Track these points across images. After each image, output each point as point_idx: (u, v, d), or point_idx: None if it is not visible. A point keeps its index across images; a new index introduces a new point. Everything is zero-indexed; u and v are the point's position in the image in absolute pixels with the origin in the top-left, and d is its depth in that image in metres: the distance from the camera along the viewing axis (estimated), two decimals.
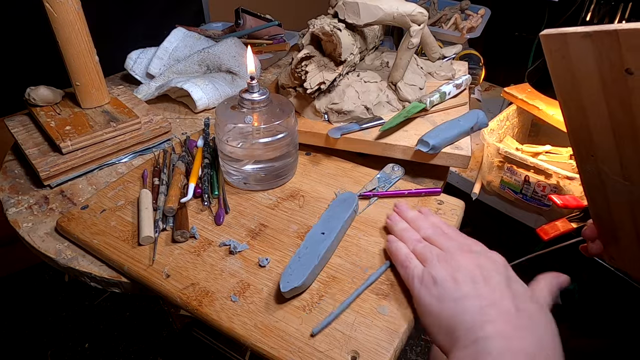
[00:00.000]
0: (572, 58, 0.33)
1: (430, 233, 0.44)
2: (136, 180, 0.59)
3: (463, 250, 0.41)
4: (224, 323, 0.40)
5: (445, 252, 0.41)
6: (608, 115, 0.34)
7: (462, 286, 0.37)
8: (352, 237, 0.49)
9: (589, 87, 0.33)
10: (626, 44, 0.29)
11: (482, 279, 0.37)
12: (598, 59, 0.31)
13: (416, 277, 0.40)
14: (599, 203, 0.43)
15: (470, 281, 0.37)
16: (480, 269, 0.38)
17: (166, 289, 0.44)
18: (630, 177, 0.37)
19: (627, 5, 0.76)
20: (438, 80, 0.75)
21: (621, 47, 0.29)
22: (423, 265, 0.41)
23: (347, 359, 0.37)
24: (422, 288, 0.39)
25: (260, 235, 0.50)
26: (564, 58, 0.33)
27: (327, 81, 0.60)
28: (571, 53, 0.33)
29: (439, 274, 0.38)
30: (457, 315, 0.35)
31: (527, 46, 1.16)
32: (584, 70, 0.33)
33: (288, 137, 0.54)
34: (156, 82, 0.82)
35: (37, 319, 1.31)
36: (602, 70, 0.32)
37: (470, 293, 0.36)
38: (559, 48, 0.33)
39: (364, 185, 0.57)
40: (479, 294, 0.36)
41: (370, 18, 0.61)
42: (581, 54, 0.32)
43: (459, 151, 0.58)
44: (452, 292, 0.37)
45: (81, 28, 0.62)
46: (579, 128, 0.37)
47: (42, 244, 0.52)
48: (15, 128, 0.67)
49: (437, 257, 0.40)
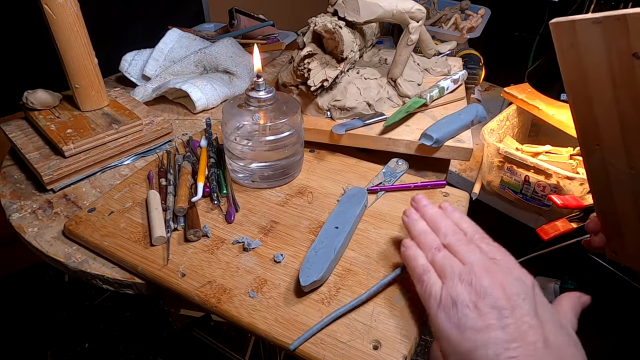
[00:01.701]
0: (581, 46, 0.34)
1: (452, 240, 0.39)
2: (142, 182, 0.59)
3: (487, 265, 0.36)
4: (244, 319, 0.41)
5: (467, 268, 0.36)
6: (615, 103, 0.35)
7: (486, 315, 0.33)
8: (364, 231, 0.50)
9: (596, 75, 0.35)
10: (634, 29, 0.30)
11: (509, 306, 0.33)
12: (607, 45, 0.32)
13: (433, 297, 0.36)
14: (603, 196, 0.45)
15: (495, 309, 0.33)
16: (506, 294, 0.34)
17: (183, 287, 0.44)
18: (635, 166, 0.38)
19: (627, 5, 0.78)
20: (434, 76, 0.76)
21: (629, 32, 0.30)
22: (442, 280, 0.37)
23: (369, 348, 0.38)
24: (439, 311, 0.35)
25: (272, 232, 0.50)
26: (573, 46, 0.34)
27: (329, 78, 0.61)
28: (580, 41, 0.34)
29: (459, 297, 0.34)
30: (479, 349, 0.32)
31: (527, 46, 1.18)
32: (592, 58, 0.34)
33: (295, 135, 0.55)
34: (153, 84, 0.82)
35: (37, 319, 1.30)
36: (610, 57, 0.33)
37: (494, 324, 0.32)
38: (568, 36, 0.34)
39: (370, 180, 0.58)
40: (504, 324, 0.32)
41: (369, 15, 0.62)
42: (590, 41, 0.33)
43: (461, 144, 0.59)
44: (474, 321, 0.33)
45: (80, 30, 0.61)
46: (586, 117, 0.39)
47: (51, 248, 0.52)
48: (13, 133, 0.66)
49: (459, 275, 0.36)
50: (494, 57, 1.13)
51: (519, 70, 1.15)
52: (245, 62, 0.86)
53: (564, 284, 0.86)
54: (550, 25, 0.35)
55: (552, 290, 0.87)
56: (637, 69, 0.32)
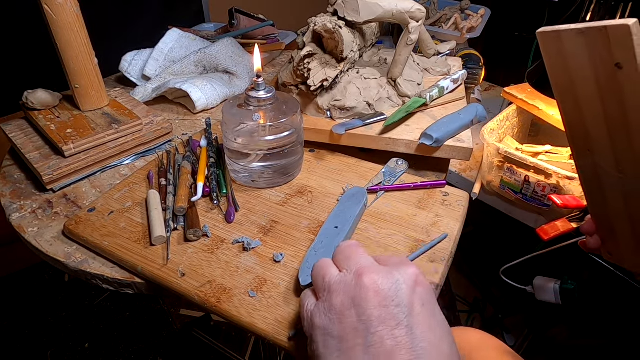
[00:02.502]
0: (567, 55, 0.35)
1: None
2: (142, 182, 0.59)
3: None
4: (244, 318, 0.41)
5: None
6: (602, 110, 0.35)
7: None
8: (364, 230, 0.50)
9: (583, 83, 0.35)
10: (614, 39, 0.31)
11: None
12: (591, 55, 0.33)
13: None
14: (596, 199, 0.45)
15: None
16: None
17: (183, 287, 0.44)
18: (623, 170, 0.38)
19: (627, 5, 0.78)
20: (434, 75, 0.76)
21: (611, 43, 0.31)
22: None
23: None
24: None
25: (272, 232, 0.50)
26: (560, 55, 0.35)
27: (329, 78, 0.61)
28: (566, 50, 0.34)
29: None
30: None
31: (527, 46, 1.18)
32: (579, 67, 0.34)
33: (294, 135, 0.55)
34: (153, 84, 0.82)
35: (37, 319, 1.30)
36: (595, 66, 0.33)
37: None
38: (554, 46, 0.35)
39: (369, 179, 0.58)
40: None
41: (369, 15, 0.62)
42: (575, 51, 0.34)
43: (461, 144, 0.59)
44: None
45: (80, 30, 0.61)
46: (576, 123, 0.39)
47: (51, 248, 0.52)
48: (13, 132, 0.66)
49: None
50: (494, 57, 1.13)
51: (519, 70, 1.14)
52: (245, 62, 0.86)
53: (564, 284, 0.86)
54: (537, 34, 0.35)
55: (552, 290, 0.87)
56: (620, 78, 0.32)
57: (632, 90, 0.32)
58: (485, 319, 1.26)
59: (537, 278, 0.90)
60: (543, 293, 0.88)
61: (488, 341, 0.59)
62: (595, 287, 0.83)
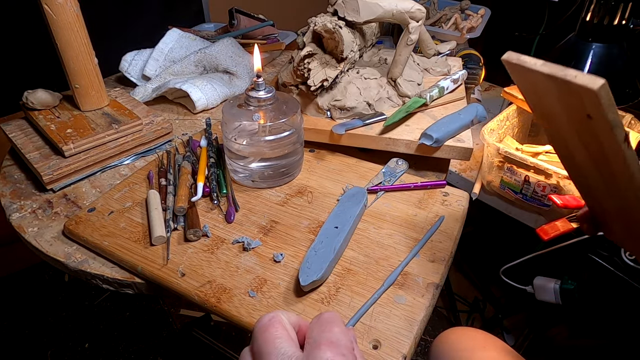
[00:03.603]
0: (538, 90, 0.31)
1: None
2: (142, 182, 0.59)
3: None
4: (244, 318, 0.41)
5: None
6: (583, 147, 0.33)
7: None
8: (363, 231, 0.50)
9: (559, 120, 0.32)
10: (583, 93, 0.26)
11: None
12: (561, 99, 0.29)
13: None
14: (580, 180, 0.43)
15: None
16: None
17: (182, 287, 0.44)
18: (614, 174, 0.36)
19: (627, 5, 0.77)
20: (434, 75, 0.76)
21: (581, 95, 0.27)
22: None
23: (369, 348, 0.38)
24: None
25: (272, 232, 0.50)
26: (530, 84, 0.32)
27: (329, 78, 0.61)
28: (537, 85, 0.31)
29: None
30: None
31: (527, 46, 1.17)
32: (551, 104, 0.31)
33: (294, 135, 0.55)
34: (153, 84, 0.82)
35: (37, 319, 1.30)
36: (568, 110, 0.30)
37: None
38: (523, 76, 0.31)
39: (369, 179, 0.58)
40: None
41: (369, 15, 0.62)
42: (545, 90, 0.30)
43: (461, 144, 0.59)
44: None
45: (80, 30, 0.61)
46: (556, 139, 0.37)
47: (50, 248, 0.52)
48: (13, 132, 0.66)
49: None
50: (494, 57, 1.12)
51: None
52: (245, 62, 0.86)
53: (564, 284, 0.86)
54: (503, 62, 0.31)
55: (552, 290, 0.87)
56: (595, 128, 0.29)
57: (606, 137, 0.29)
58: (485, 319, 1.26)
59: (537, 278, 0.90)
60: (543, 293, 0.88)
61: (489, 341, 0.59)
62: (595, 287, 0.83)
